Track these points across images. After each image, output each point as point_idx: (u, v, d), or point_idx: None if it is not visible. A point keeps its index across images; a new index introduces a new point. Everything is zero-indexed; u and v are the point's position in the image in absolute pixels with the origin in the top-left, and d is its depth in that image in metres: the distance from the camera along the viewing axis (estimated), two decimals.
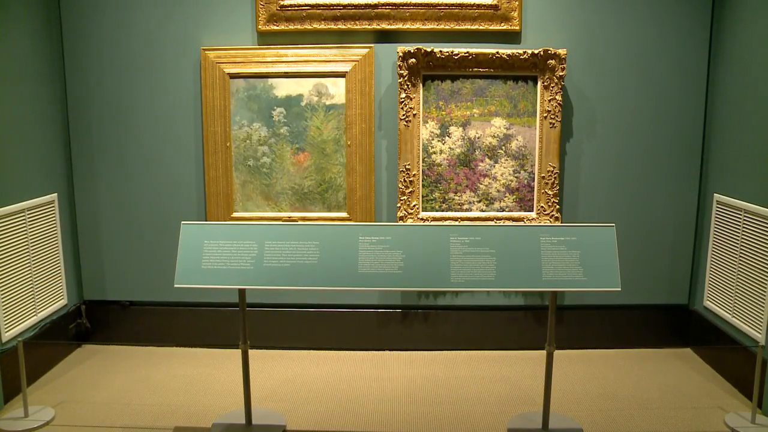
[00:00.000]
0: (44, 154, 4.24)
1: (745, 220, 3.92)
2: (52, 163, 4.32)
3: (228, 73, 4.32)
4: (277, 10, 4.27)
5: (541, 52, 4.22)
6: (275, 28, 4.31)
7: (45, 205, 4.19)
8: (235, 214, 4.44)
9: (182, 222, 3.42)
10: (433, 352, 4.57)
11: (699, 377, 4.20)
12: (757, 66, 3.84)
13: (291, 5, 4.27)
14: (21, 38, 4.00)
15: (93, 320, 4.66)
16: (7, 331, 3.83)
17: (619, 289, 3.28)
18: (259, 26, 4.30)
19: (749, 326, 3.87)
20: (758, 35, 3.83)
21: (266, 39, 4.35)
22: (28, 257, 4.03)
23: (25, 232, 3.99)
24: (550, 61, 4.22)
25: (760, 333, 3.76)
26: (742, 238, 3.94)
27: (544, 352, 3.45)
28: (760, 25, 3.81)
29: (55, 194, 4.31)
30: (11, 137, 3.90)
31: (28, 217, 4.02)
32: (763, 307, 3.74)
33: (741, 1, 4.01)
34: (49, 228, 4.24)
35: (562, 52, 4.21)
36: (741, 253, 3.96)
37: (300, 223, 4.19)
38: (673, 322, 4.61)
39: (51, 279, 4.27)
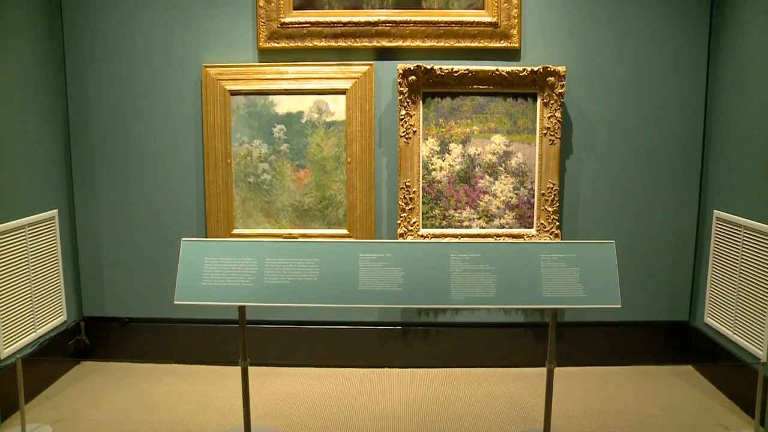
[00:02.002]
0: (45, 169, 4.25)
1: (744, 236, 3.92)
2: (52, 178, 4.33)
3: (229, 90, 4.34)
4: (277, 27, 4.30)
5: (541, 70, 4.24)
6: (276, 45, 4.33)
7: (45, 221, 4.19)
8: (235, 231, 4.44)
9: (182, 239, 3.42)
10: (433, 369, 4.56)
11: (700, 394, 4.18)
12: (755, 82, 3.86)
13: (292, 23, 4.29)
14: (24, 54, 4.02)
15: (92, 337, 4.65)
16: (5, 348, 3.82)
17: (620, 306, 3.28)
18: (260, 43, 4.33)
19: (750, 343, 3.86)
20: (756, 51, 3.85)
21: (267, 56, 4.37)
22: (27, 273, 4.02)
23: (25, 248, 3.99)
24: (550, 78, 4.24)
25: (761, 350, 3.75)
26: (742, 255, 3.94)
27: (544, 369, 3.44)
28: (758, 41, 3.83)
29: (56, 210, 4.31)
30: (13, 153, 3.92)
31: (29, 233, 4.02)
32: (763, 323, 3.73)
33: (738, 17, 4.03)
34: (50, 244, 4.24)
35: (561, 69, 4.23)
36: (741, 269, 3.96)
37: (300, 240, 4.19)
38: (673, 339, 4.60)
39: (50, 295, 4.26)
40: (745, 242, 3.92)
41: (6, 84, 3.85)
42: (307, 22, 4.30)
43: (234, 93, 4.35)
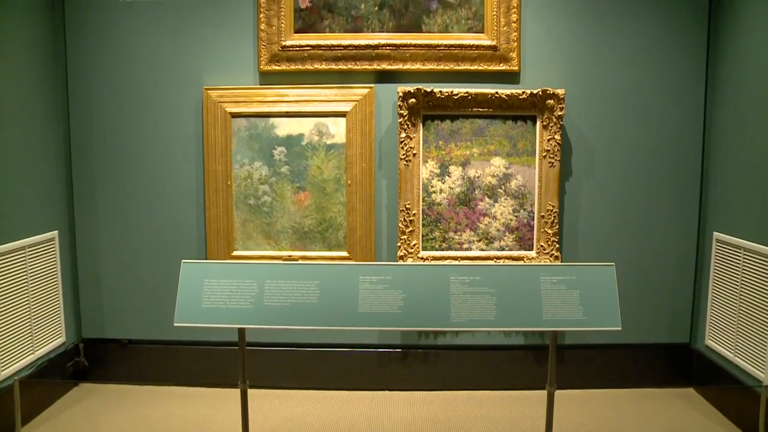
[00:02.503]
0: (46, 191, 4.26)
1: (745, 258, 3.92)
2: (53, 199, 4.34)
3: (230, 113, 4.36)
4: (278, 50, 4.33)
5: (540, 92, 4.26)
6: (277, 68, 4.36)
7: (46, 242, 4.19)
8: (235, 253, 4.44)
9: (183, 260, 3.42)
10: (433, 392, 4.54)
11: (702, 418, 4.16)
12: (753, 104, 3.87)
13: (293, 46, 4.32)
14: (27, 75, 4.05)
15: (91, 358, 4.63)
16: (3, 370, 3.80)
17: (620, 328, 3.27)
18: (261, 66, 4.35)
19: (752, 366, 3.85)
20: (754, 73, 3.87)
21: (268, 79, 4.39)
22: (27, 295, 4.02)
23: (24, 270, 3.99)
24: (549, 101, 4.26)
25: (763, 373, 3.73)
26: (743, 277, 3.94)
27: (545, 392, 3.42)
28: (756, 64, 3.85)
29: (56, 231, 4.31)
30: (14, 174, 3.93)
31: (29, 255, 4.02)
32: (765, 346, 3.72)
33: (735, 39, 4.06)
34: (49, 265, 4.24)
35: (560, 92, 4.26)
36: (742, 291, 3.95)
37: (300, 262, 4.19)
38: (674, 362, 4.58)
39: (49, 317, 4.25)
40: (745, 264, 3.92)
41: (8, 104, 3.87)
42: (308, 45, 4.33)
43: (235, 115, 4.37)
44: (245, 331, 3.40)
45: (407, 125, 4.32)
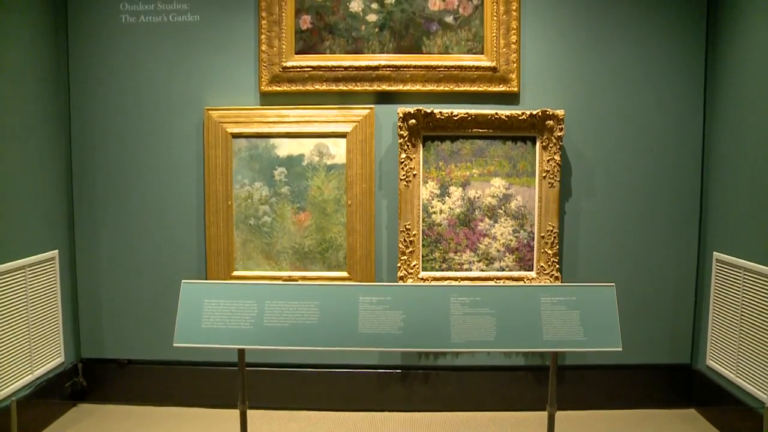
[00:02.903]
0: (47, 210, 4.27)
1: (745, 278, 3.92)
2: (54, 219, 4.35)
3: (231, 133, 4.37)
4: (279, 71, 4.35)
5: (539, 113, 4.28)
6: (278, 88, 4.38)
7: (46, 261, 4.19)
8: (235, 273, 4.44)
9: (183, 280, 3.43)
10: (434, 413, 4.51)
11: None
12: (751, 124, 3.89)
13: (293, 67, 4.35)
14: (30, 95, 4.08)
15: (90, 378, 4.62)
16: (1, 390, 3.79)
17: (620, 349, 3.27)
18: (262, 87, 4.38)
19: (754, 386, 3.83)
20: (751, 93, 3.89)
21: (269, 99, 4.42)
22: (26, 314, 4.01)
23: (24, 289, 3.98)
24: (548, 121, 4.28)
25: (765, 393, 3.72)
26: (743, 297, 3.93)
27: (545, 413, 3.41)
28: (753, 82, 3.87)
29: (56, 251, 4.32)
30: (15, 193, 3.94)
31: (29, 274, 4.02)
32: (767, 366, 3.71)
33: (733, 59, 4.08)
34: (49, 285, 4.23)
35: (559, 112, 4.28)
36: (742, 311, 3.95)
37: (300, 283, 4.19)
38: (676, 382, 4.56)
39: (48, 336, 4.24)
40: (745, 284, 3.92)
41: (11, 123, 3.89)
42: (308, 67, 4.36)
43: (236, 136, 4.39)
44: (245, 351, 3.39)
45: (407, 146, 4.33)
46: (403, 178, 4.35)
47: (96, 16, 4.42)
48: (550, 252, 4.37)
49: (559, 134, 4.29)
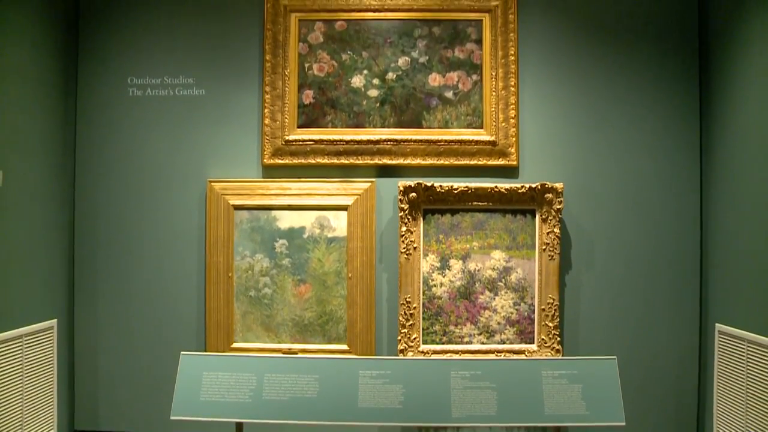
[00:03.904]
0: (47, 279, 4.27)
1: (749, 350, 3.88)
2: (54, 288, 4.34)
3: (233, 205, 4.41)
4: (282, 144, 4.42)
5: (539, 186, 4.33)
6: (280, 161, 4.44)
7: (44, 331, 4.16)
8: (234, 345, 4.41)
9: (182, 352, 3.41)
10: None
11: None
12: (748, 192, 3.90)
13: (296, 140, 4.42)
14: (36, 165, 4.11)
15: None
16: None
17: (624, 424, 3.24)
18: (265, 160, 4.44)
19: None
20: (745, 161, 3.92)
21: (271, 172, 4.47)
22: (20, 384, 3.95)
23: (20, 359, 3.94)
24: (548, 194, 4.32)
25: None
26: (748, 370, 3.89)
27: None
28: (745, 152, 3.91)
29: (55, 320, 4.29)
30: (17, 261, 3.93)
31: (26, 343, 3.98)
32: None
33: (725, 131, 4.13)
34: (46, 354, 4.19)
35: (558, 186, 4.32)
36: (748, 385, 3.90)
37: (300, 356, 4.16)
38: None
39: (42, 407, 4.17)
40: (749, 357, 3.88)
41: (16, 192, 3.91)
42: (310, 140, 4.43)
43: (238, 208, 4.43)
44: (243, 425, 3.35)
45: (408, 219, 4.36)
46: (403, 251, 4.36)
47: (105, 87, 4.52)
48: (550, 324, 4.35)
49: (558, 207, 4.33)
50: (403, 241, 4.36)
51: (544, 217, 4.37)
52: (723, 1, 4.24)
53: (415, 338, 4.37)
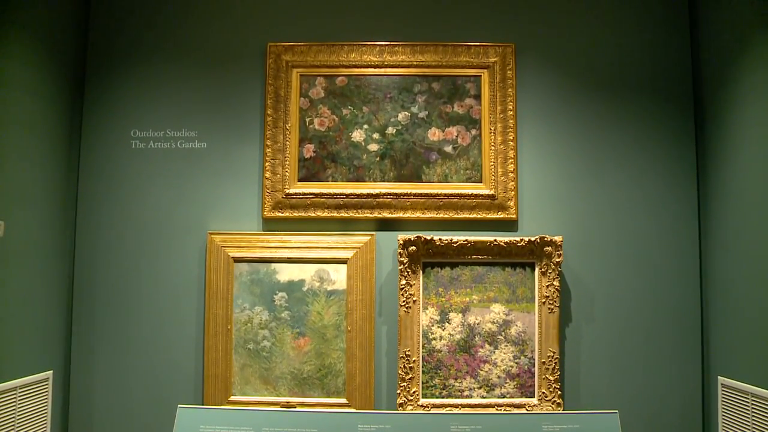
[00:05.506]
0: (45, 330, 4.24)
1: (753, 404, 3.84)
2: (51, 339, 4.30)
3: (233, 257, 4.43)
4: (282, 197, 4.46)
5: (538, 240, 4.35)
6: (280, 214, 4.47)
7: (39, 382, 4.11)
8: (232, 398, 4.37)
9: (179, 405, 3.38)
10: None
11: None
12: (746, 243, 3.92)
13: (296, 194, 4.46)
14: (37, 211, 4.13)
15: None
16: None
17: None
18: (265, 213, 4.47)
19: None
20: (741, 213, 3.96)
21: (271, 225, 4.50)
22: None
23: (13, 411, 3.88)
24: (547, 248, 4.34)
25: None
26: (753, 424, 3.85)
27: None
28: (746, 208, 3.94)
29: (51, 372, 4.25)
30: (14, 312, 3.91)
31: (20, 395, 3.93)
32: None
33: (724, 184, 4.17)
34: (40, 407, 4.13)
35: (558, 239, 4.34)
36: None
37: (298, 409, 4.12)
38: None
39: None
40: (754, 411, 3.84)
41: (16, 243, 3.92)
42: (311, 194, 4.47)
43: (237, 260, 4.44)
44: None
45: (407, 272, 4.37)
46: (403, 304, 4.36)
47: (108, 139, 4.57)
48: (551, 378, 4.32)
49: (557, 260, 4.34)
50: (402, 294, 4.36)
51: (543, 270, 4.38)
52: (714, 55, 4.33)
53: (414, 392, 4.33)
